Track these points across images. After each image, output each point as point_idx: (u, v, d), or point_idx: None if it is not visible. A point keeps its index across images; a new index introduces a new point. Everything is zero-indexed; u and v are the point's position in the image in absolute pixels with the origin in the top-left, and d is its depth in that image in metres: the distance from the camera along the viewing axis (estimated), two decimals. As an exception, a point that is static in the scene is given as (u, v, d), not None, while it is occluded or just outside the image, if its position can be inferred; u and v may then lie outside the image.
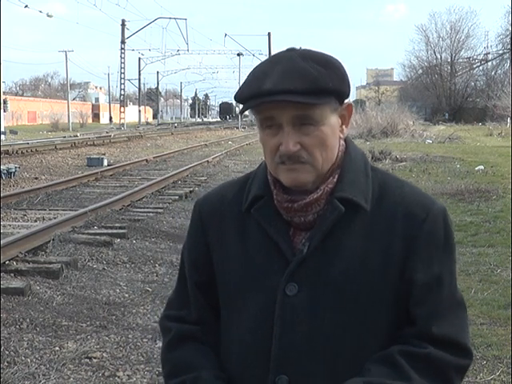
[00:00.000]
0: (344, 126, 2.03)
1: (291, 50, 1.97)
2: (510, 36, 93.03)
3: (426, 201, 2.03)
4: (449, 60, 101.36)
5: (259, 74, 1.95)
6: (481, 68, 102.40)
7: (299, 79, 1.88)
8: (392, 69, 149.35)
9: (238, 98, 1.98)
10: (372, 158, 27.10)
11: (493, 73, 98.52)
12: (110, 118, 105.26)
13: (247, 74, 2.00)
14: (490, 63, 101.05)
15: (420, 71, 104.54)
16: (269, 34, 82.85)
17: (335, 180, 1.99)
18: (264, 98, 1.89)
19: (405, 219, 1.97)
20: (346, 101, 2.01)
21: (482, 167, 24.36)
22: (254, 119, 2.11)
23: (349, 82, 1.99)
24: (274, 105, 1.89)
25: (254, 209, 2.04)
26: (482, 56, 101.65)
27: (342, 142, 2.04)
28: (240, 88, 1.99)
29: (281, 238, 2.00)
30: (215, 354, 2.12)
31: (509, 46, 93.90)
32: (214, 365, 2.09)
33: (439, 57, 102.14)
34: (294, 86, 1.87)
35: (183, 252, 2.23)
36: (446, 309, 1.98)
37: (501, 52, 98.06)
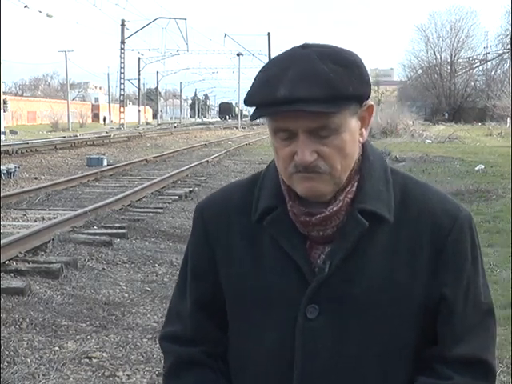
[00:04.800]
0: (364, 129, 1.83)
1: (306, 47, 1.77)
2: (509, 36, 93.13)
3: (452, 208, 1.88)
4: (448, 60, 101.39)
5: (272, 76, 1.74)
6: (480, 68, 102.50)
7: (317, 85, 1.69)
8: (391, 69, 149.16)
9: (249, 103, 1.80)
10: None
11: (492, 73, 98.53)
12: (104, 119, 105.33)
13: (248, 73, 1.86)
14: (489, 63, 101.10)
15: (420, 71, 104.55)
16: (268, 34, 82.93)
17: (354, 189, 1.83)
18: (279, 106, 1.69)
19: (430, 230, 1.84)
20: (366, 102, 1.82)
21: (481, 167, 24.37)
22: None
23: (369, 81, 1.81)
24: (288, 115, 1.71)
25: (266, 221, 1.86)
26: (481, 56, 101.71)
27: (359, 146, 1.86)
28: (251, 90, 1.79)
29: (297, 252, 1.83)
30: (217, 375, 1.96)
31: (508, 46, 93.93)
32: None
33: (439, 57, 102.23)
34: (312, 94, 1.68)
35: (184, 262, 2.05)
36: (473, 324, 1.87)
37: (500, 52, 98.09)
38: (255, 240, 1.90)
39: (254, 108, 1.81)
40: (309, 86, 1.69)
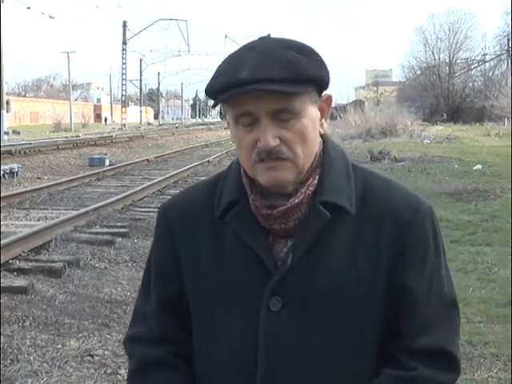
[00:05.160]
0: (323, 121, 1.84)
1: (264, 39, 1.80)
2: (507, 37, 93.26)
3: (413, 201, 1.87)
4: (447, 61, 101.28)
5: (233, 62, 1.75)
6: (479, 69, 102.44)
7: (279, 67, 1.70)
8: (391, 70, 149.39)
9: (210, 90, 1.78)
10: (371, 158, 27.16)
11: (490, 73, 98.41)
12: (105, 119, 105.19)
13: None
14: (487, 64, 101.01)
15: (418, 72, 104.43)
16: (269, 34, 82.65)
17: (316, 182, 1.82)
18: (241, 88, 1.69)
19: (391, 221, 1.82)
20: (324, 92, 1.83)
21: (479, 167, 24.38)
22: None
23: (327, 70, 1.80)
24: (251, 97, 1.70)
25: (229, 216, 1.84)
26: (479, 57, 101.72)
27: (320, 139, 1.86)
28: (212, 79, 1.78)
29: (260, 246, 1.81)
30: (184, 375, 1.92)
31: (506, 47, 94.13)
32: None
33: (437, 58, 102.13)
34: (274, 74, 1.68)
35: (148, 263, 2.01)
36: (436, 314, 1.85)
37: (498, 53, 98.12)
38: (218, 236, 1.87)
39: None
40: (271, 68, 1.70)
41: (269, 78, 1.68)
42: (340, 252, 1.80)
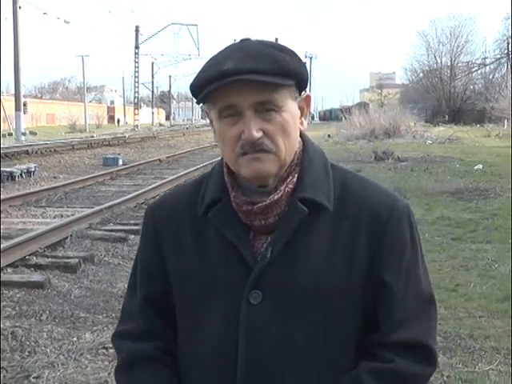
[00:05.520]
0: (303, 119, 1.85)
1: (247, 40, 1.82)
2: (506, 41, 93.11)
3: (390, 199, 1.87)
4: (448, 64, 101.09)
5: (216, 59, 1.77)
6: (479, 72, 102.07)
7: (262, 60, 1.72)
8: (394, 72, 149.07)
9: (195, 85, 1.78)
10: (375, 157, 27.12)
11: (491, 76, 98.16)
12: (118, 120, 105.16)
13: None
14: (487, 67, 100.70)
15: (421, 75, 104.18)
16: (276, 39, 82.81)
17: (295, 180, 1.82)
18: (227, 78, 1.69)
19: (369, 219, 1.82)
20: (303, 93, 1.84)
21: (480, 167, 24.33)
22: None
23: (307, 71, 1.83)
24: (234, 90, 1.70)
25: (210, 213, 1.84)
26: (480, 60, 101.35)
27: (300, 140, 1.87)
28: (196, 77, 1.78)
29: (241, 242, 1.80)
30: (171, 371, 1.91)
31: (506, 51, 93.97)
32: None
33: (439, 61, 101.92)
34: (258, 66, 1.70)
35: (135, 262, 2.01)
36: (413, 310, 1.83)
37: (498, 57, 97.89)
38: (201, 235, 1.87)
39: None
40: (254, 61, 1.71)
41: (252, 69, 1.69)
42: (318, 247, 1.80)
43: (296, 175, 1.83)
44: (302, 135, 1.87)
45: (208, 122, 1.89)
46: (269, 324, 1.78)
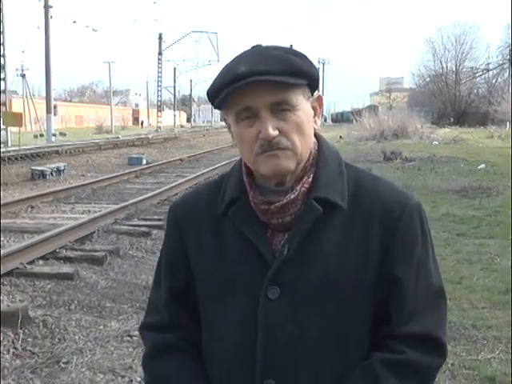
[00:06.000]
0: (316, 118, 1.83)
1: (259, 45, 1.81)
2: (509, 48, 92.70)
3: (402, 197, 1.84)
4: (454, 69, 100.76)
5: (231, 64, 1.76)
6: (483, 77, 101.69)
7: (274, 62, 1.71)
8: (402, 77, 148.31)
9: (212, 91, 1.77)
10: (384, 157, 27.04)
11: (493, 81, 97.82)
12: (142, 122, 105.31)
13: None
14: (491, 72, 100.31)
15: (428, 79, 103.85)
16: (291, 45, 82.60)
17: (310, 180, 1.80)
18: (240, 81, 1.68)
19: (381, 216, 1.79)
20: (315, 93, 1.82)
21: (483, 166, 24.21)
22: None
23: (318, 73, 1.81)
24: (250, 92, 1.69)
25: (230, 211, 1.83)
26: (483, 66, 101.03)
27: (315, 140, 1.85)
28: (212, 84, 1.78)
29: (259, 240, 1.79)
30: (194, 360, 1.90)
31: (508, 57, 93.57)
32: (191, 377, 1.88)
33: (445, 66, 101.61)
34: (271, 68, 1.69)
35: (160, 258, 2.01)
36: (424, 303, 1.80)
37: (501, 62, 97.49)
38: (221, 232, 1.85)
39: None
40: (266, 63, 1.70)
41: (265, 71, 1.69)
42: (332, 244, 1.78)
43: (311, 175, 1.81)
44: (316, 136, 1.86)
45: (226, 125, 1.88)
46: (286, 318, 1.76)
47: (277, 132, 1.71)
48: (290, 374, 1.77)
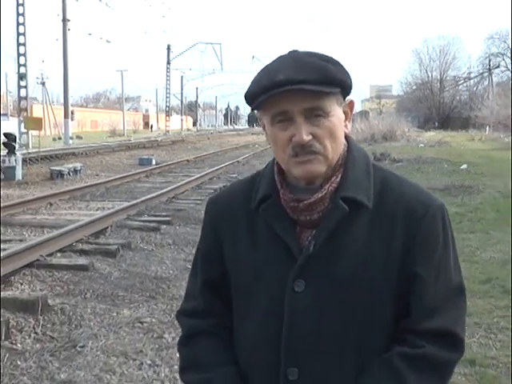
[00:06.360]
0: (347, 122, 1.79)
1: (295, 51, 1.77)
2: (488, 58, 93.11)
3: (425, 198, 1.79)
4: (438, 78, 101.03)
5: (269, 70, 1.72)
6: (464, 85, 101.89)
7: (310, 71, 1.66)
8: (391, 85, 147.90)
9: (250, 94, 1.73)
10: (374, 158, 26.84)
11: (474, 89, 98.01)
12: (151, 126, 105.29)
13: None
14: (472, 81, 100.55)
15: (414, 87, 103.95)
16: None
17: (338, 179, 1.76)
18: (279, 88, 1.65)
19: (405, 216, 1.74)
20: (347, 98, 1.78)
21: (465, 167, 24.25)
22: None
23: (351, 79, 1.76)
24: (286, 98, 1.65)
25: (261, 208, 1.80)
26: (465, 75, 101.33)
27: (345, 141, 1.80)
28: (250, 86, 1.73)
29: (288, 235, 1.75)
30: (226, 345, 1.89)
31: (487, 67, 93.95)
32: (221, 360, 1.86)
33: (430, 75, 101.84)
34: (307, 77, 1.64)
35: (197, 250, 2.00)
36: (443, 300, 1.75)
37: (481, 72, 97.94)
38: (253, 227, 1.83)
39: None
40: (303, 72, 1.67)
41: (302, 80, 1.65)
42: (357, 241, 1.73)
43: (340, 175, 1.77)
44: (346, 137, 1.82)
45: (230, 127, 1.87)
46: (310, 310, 1.73)
47: (310, 137, 1.68)
48: (312, 364, 1.75)
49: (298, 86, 1.64)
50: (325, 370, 1.74)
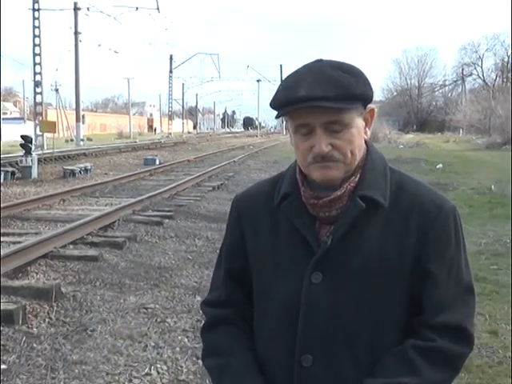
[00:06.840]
0: (367, 128, 1.74)
1: (319, 61, 1.70)
2: (461, 68, 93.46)
3: (439, 199, 1.75)
4: (416, 85, 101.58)
5: (293, 82, 1.67)
6: (440, 91, 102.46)
7: (330, 86, 1.61)
8: (373, 91, 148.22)
9: (275, 104, 1.69)
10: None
11: (449, 95, 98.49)
12: (155, 129, 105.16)
13: (266, 95, 1.74)
14: (447, 88, 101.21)
15: (395, 93, 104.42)
16: (280, 65, 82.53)
17: (357, 179, 1.72)
18: (301, 103, 1.61)
19: (419, 215, 1.70)
20: (368, 105, 1.73)
21: (441, 166, 24.32)
22: (269, 129, 1.81)
23: (371, 87, 1.71)
24: (307, 111, 1.62)
25: (283, 204, 1.77)
26: (441, 82, 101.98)
27: (364, 145, 1.75)
28: (276, 95, 1.69)
29: (307, 230, 1.72)
30: (245, 333, 1.85)
31: (460, 75, 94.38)
32: (240, 347, 1.83)
33: (409, 82, 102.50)
34: (327, 93, 1.60)
35: (222, 243, 1.96)
36: (455, 297, 1.70)
37: (455, 79, 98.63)
38: (275, 221, 1.79)
39: (273, 115, 1.75)
40: (323, 88, 1.62)
41: (323, 96, 1.61)
42: (372, 238, 1.70)
43: (358, 175, 1.73)
44: (366, 142, 1.77)
45: (227, 130, 1.86)
46: (325, 301, 1.70)
47: (329, 148, 1.65)
48: (326, 351, 1.71)
49: (317, 102, 1.61)
50: (338, 358, 1.71)
